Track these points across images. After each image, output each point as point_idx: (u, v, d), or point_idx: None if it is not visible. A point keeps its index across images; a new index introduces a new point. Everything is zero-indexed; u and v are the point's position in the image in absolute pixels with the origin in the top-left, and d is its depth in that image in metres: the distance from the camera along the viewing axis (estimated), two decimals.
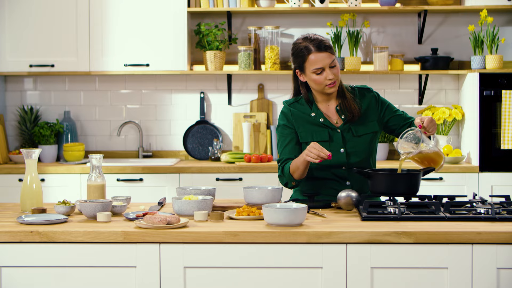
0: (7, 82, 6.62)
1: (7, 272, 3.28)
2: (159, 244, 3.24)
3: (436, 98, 6.55)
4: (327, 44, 3.98)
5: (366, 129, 4.08)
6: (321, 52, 3.95)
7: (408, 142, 3.80)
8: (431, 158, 3.88)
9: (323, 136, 4.03)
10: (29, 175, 3.73)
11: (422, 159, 3.89)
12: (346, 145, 4.04)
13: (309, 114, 4.09)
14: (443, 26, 6.54)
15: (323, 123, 4.06)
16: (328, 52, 3.96)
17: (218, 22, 6.50)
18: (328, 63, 3.95)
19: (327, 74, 3.96)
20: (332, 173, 4.04)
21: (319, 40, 3.99)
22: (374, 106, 4.14)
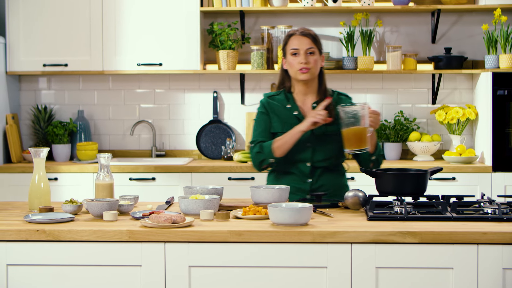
0: (21, 81, 6.65)
1: (14, 270, 3.30)
2: (164, 243, 3.25)
3: (450, 97, 6.52)
4: (311, 33, 4.13)
5: (336, 129, 4.11)
6: (302, 37, 4.11)
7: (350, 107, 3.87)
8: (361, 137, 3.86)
9: (290, 128, 4.11)
10: (37, 174, 3.75)
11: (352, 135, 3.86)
12: (313, 141, 4.10)
13: (285, 105, 4.18)
14: (456, 26, 6.51)
15: (296, 116, 4.14)
16: (309, 38, 4.10)
17: (231, 21, 6.51)
18: (305, 48, 4.08)
19: (301, 58, 4.07)
20: (296, 168, 4.13)
21: (304, 28, 4.16)
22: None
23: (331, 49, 6.54)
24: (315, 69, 4.11)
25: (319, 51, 4.14)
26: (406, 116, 6.49)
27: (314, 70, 4.11)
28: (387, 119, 6.51)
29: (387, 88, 6.54)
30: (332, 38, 6.55)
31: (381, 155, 4.15)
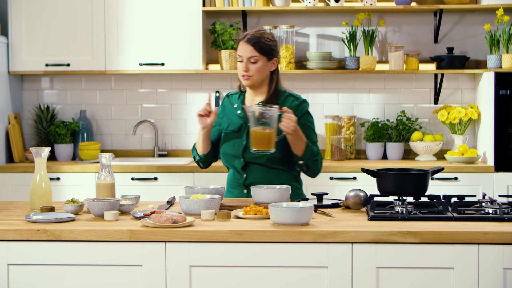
0: (24, 81, 6.66)
1: (15, 270, 3.30)
2: (165, 243, 3.25)
3: (452, 97, 6.52)
4: (255, 40, 4.10)
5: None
6: (246, 44, 4.11)
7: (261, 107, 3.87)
8: (264, 139, 3.88)
9: (235, 127, 4.20)
10: (38, 173, 3.75)
11: (256, 135, 3.88)
12: (248, 138, 4.11)
13: (233, 105, 4.27)
14: (459, 25, 6.51)
15: (238, 115, 4.21)
16: (252, 46, 4.09)
17: (233, 21, 6.51)
18: (247, 56, 4.10)
19: (243, 65, 4.11)
20: (232, 164, 4.20)
21: (251, 34, 4.13)
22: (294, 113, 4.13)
23: (333, 49, 6.54)
24: (256, 76, 4.11)
25: (266, 57, 4.11)
26: (408, 116, 6.49)
27: (255, 77, 4.11)
28: (389, 119, 6.51)
29: (389, 88, 6.54)
30: (334, 38, 6.55)
31: (314, 161, 4.08)
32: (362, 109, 6.56)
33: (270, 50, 4.14)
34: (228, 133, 4.20)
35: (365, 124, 6.52)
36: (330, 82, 6.56)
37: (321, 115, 6.56)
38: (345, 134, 6.43)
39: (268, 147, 3.90)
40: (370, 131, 6.36)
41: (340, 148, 6.27)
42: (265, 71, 4.14)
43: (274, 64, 4.18)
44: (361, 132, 6.56)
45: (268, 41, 4.14)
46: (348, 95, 6.56)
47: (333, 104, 6.57)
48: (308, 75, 6.56)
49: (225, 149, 4.20)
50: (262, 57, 4.10)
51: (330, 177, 5.93)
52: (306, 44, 6.57)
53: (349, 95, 6.56)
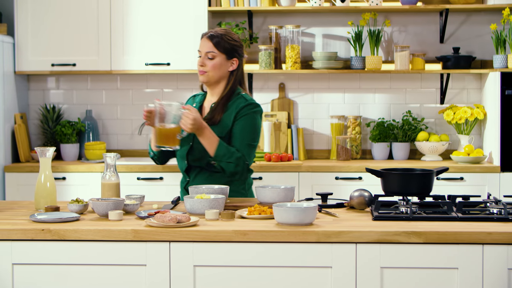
0: (30, 81, 6.67)
1: (19, 270, 3.31)
2: (169, 242, 3.25)
3: (458, 97, 6.51)
4: (216, 37, 4.12)
5: (218, 131, 4.11)
6: (206, 40, 4.14)
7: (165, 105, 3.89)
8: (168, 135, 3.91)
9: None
10: (43, 173, 3.76)
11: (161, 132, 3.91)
12: (195, 139, 4.12)
13: (193, 104, 4.28)
14: (465, 25, 6.50)
15: None
16: (211, 42, 4.11)
17: (238, 21, 6.51)
18: (205, 50, 4.12)
19: (200, 60, 4.14)
20: (180, 166, 4.24)
21: (214, 31, 4.16)
22: (233, 115, 4.14)
23: (339, 49, 6.54)
24: (212, 73, 4.12)
25: (225, 55, 4.12)
26: (414, 116, 6.48)
27: (211, 73, 4.12)
28: (395, 119, 6.51)
29: (395, 88, 6.53)
30: (340, 38, 6.55)
31: (228, 163, 4.01)
32: (368, 109, 6.56)
33: (230, 49, 4.14)
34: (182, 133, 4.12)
35: (371, 124, 6.51)
36: (336, 82, 6.56)
37: (327, 115, 6.56)
38: (350, 134, 6.43)
39: (171, 143, 3.92)
40: (376, 131, 6.35)
41: (346, 148, 6.27)
42: (222, 70, 4.14)
43: (234, 64, 4.17)
44: (366, 132, 6.56)
45: (230, 40, 4.15)
46: (354, 95, 6.56)
47: (338, 104, 6.56)
48: (314, 75, 6.56)
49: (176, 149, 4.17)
50: (221, 54, 4.11)
51: (335, 177, 5.93)
52: (312, 44, 6.57)
53: (355, 95, 6.56)
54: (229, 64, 4.16)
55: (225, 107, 4.15)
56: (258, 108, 4.17)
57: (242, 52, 4.21)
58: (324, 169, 5.96)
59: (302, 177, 5.94)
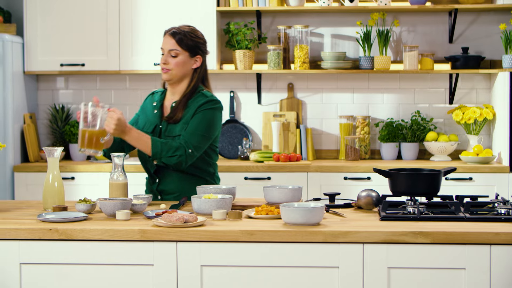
0: (39, 81, 6.69)
1: (27, 269, 3.32)
2: (176, 242, 3.26)
3: (467, 97, 6.49)
4: (179, 35, 4.09)
5: (176, 131, 4.11)
6: (169, 37, 4.10)
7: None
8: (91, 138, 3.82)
9: (149, 128, 4.18)
10: (51, 173, 3.76)
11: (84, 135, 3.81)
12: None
13: (152, 104, 4.24)
14: (474, 25, 6.48)
15: (155, 114, 4.19)
16: (174, 40, 4.08)
17: (247, 21, 6.52)
18: (168, 48, 4.09)
19: (163, 58, 4.10)
20: (146, 166, 4.21)
21: (177, 28, 4.13)
22: (193, 112, 4.12)
23: (348, 49, 6.54)
24: (176, 70, 4.09)
25: (188, 53, 4.10)
26: (423, 116, 6.47)
27: (174, 71, 4.09)
28: (404, 119, 6.50)
29: (404, 88, 6.52)
30: (348, 38, 6.54)
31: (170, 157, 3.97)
32: (377, 109, 6.55)
33: (194, 46, 4.12)
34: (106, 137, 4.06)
35: (380, 124, 6.50)
36: (345, 82, 6.55)
37: (335, 115, 6.56)
38: (359, 134, 6.42)
39: (94, 147, 3.82)
40: (385, 131, 6.35)
41: (355, 148, 6.26)
42: (186, 67, 4.12)
43: (198, 62, 4.15)
44: (375, 132, 6.55)
45: (194, 38, 4.13)
46: (362, 95, 6.55)
47: (347, 104, 6.56)
48: (322, 75, 6.56)
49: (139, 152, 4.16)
50: (184, 52, 4.09)
51: (344, 177, 5.93)
52: (321, 44, 6.56)
53: (364, 95, 6.55)
54: (192, 61, 4.14)
55: (186, 105, 4.12)
56: (218, 104, 4.15)
57: (205, 49, 4.19)
58: (332, 169, 5.95)
59: (311, 177, 5.93)
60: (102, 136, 3.81)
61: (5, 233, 3.30)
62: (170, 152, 3.96)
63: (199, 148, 4.05)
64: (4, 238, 3.31)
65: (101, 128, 3.81)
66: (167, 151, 3.96)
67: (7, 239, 3.31)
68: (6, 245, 3.31)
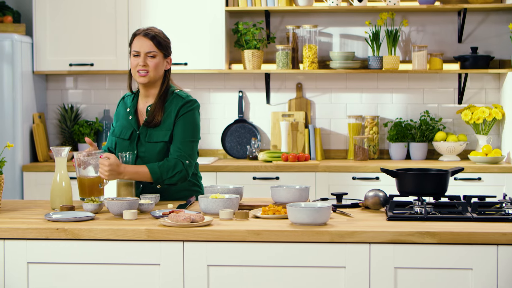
0: (48, 81, 6.70)
1: (34, 268, 3.33)
2: (183, 242, 3.26)
3: (477, 97, 6.48)
4: (155, 35, 4.04)
5: (159, 137, 4.06)
6: (144, 38, 4.02)
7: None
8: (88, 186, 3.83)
9: (126, 134, 4.10)
10: (58, 173, 3.78)
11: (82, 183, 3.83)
12: (138, 148, 4.07)
13: (125, 109, 4.17)
14: (483, 25, 6.47)
15: (130, 121, 4.12)
16: (150, 40, 4.02)
17: (256, 21, 6.51)
18: (145, 50, 4.01)
19: (140, 60, 4.00)
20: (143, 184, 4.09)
21: (148, 29, 4.06)
22: (174, 115, 4.07)
23: (357, 49, 6.53)
24: (154, 72, 4.02)
25: (163, 54, 4.06)
26: (432, 116, 6.45)
27: (152, 74, 4.02)
28: (412, 119, 6.49)
29: (413, 88, 6.51)
30: (357, 37, 6.54)
31: (171, 177, 3.95)
32: (386, 109, 6.54)
33: (166, 47, 4.10)
34: (120, 140, 4.11)
35: (388, 124, 6.50)
36: (353, 82, 6.54)
37: (344, 115, 6.55)
38: (368, 134, 6.42)
39: (95, 194, 3.82)
40: (393, 131, 6.34)
41: (363, 148, 6.25)
42: (161, 69, 4.07)
43: (169, 63, 4.13)
44: (384, 132, 6.54)
45: (166, 39, 4.12)
46: (371, 95, 6.54)
47: (356, 104, 6.55)
48: (331, 75, 6.55)
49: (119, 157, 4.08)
50: (160, 53, 4.04)
51: (352, 177, 5.92)
52: (329, 44, 6.56)
53: (372, 95, 6.54)
54: (165, 63, 4.10)
55: (163, 107, 4.06)
56: (196, 104, 4.11)
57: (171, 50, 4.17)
58: (341, 169, 5.95)
59: (319, 177, 5.93)
60: (99, 183, 3.83)
61: (12, 233, 3.32)
62: (170, 172, 3.93)
63: (193, 155, 4.03)
64: (11, 237, 3.32)
65: (97, 175, 3.83)
66: (167, 172, 3.93)
67: (15, 238, 3.32)
68: (14, 244, 3.33)
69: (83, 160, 3.82)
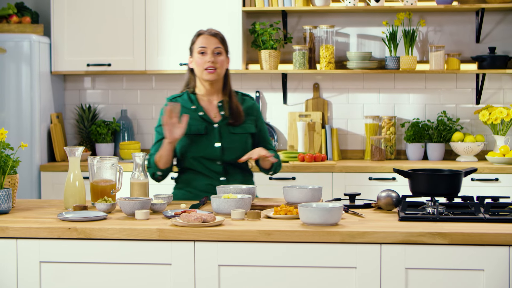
0: (66, 81, 6.74)
1: (46, 267, 3.35)
2: (194, 242, 3.27)
3: (495, 97, 6.44)
4: (219, 34, 4.23)
5: (243, 129, 4.23)
6: (210, 36, 4.18)
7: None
8: (104, 192, 3.85)
9: (199, 129, 4.18)
10: (72, 172, 3.79)
11: (95, 188, 3.85)
12: (222, 140, 4.16)
13: (189, 107, 4.23)
14: (501, 25, 6.43)
15: (201, 117, 4.20)
16: (217, 38, 4.18)
17: (273, 21, 6.51)
18: (212, 47, 4.15)
19: (208, 57, 4.13)
20: (205, 167, 4.18)
21: (211, 29, 4.24)
22: (252, 111, 4.29)
23: (374, 49, 6.51)
24: (221, 69, 4.18)
25: (226, 52, 4.21)
26: (449, 116, 6.43)
27: (220, 70, 4.17)
28: (430, 119, 6.46)
29: (430, 88, 6.49)
30: (374, 37, 6.52)
31: (279, 164, 4.33)
32: (403, 109, 6.52)
33: (228, 46, 4.26)
34: (193, 136, 4.16)
35: (406, 124, 6.48)
36: (370, 82, 6.53)
37: (361, 115, 6.54)
38: (385, 134, 6.40)
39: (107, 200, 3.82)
40: (411, 132, 6.32)
41: (380, 149, 6.24)
42: (225, 67, 4.24)
43: (228, 62, 4.26)
44: (401, 132, 6.52)
45: (225, 39, 4.27)
46: (388, 95, 6.53)
47: (373, 104, 6.54)
48: (348, 75, 6.54)
49: (196, 152, 4.17)
50: (224, 51, 4.21)
51: (369, 178, 5.91)
52: (346, 44, 6.55)
53: (390, 95, 6.52)
54: (227, 61, 4.26)
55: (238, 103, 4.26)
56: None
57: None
58: (357, 170, 5.94)
59: (336, 177, 5.92)
60: (112, 189, 3.85)
61: (25, 232, 3.34)
62: (279, 160, 4.32)
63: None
64: (24, 236, 3.34)
65: (111, 182, 3.86)
66: (279, 162, 4.32)
67: (28, 237, 3.34)
68: (27, 243, 3.35)
69: (98, 165, 3.84)
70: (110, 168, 3.85)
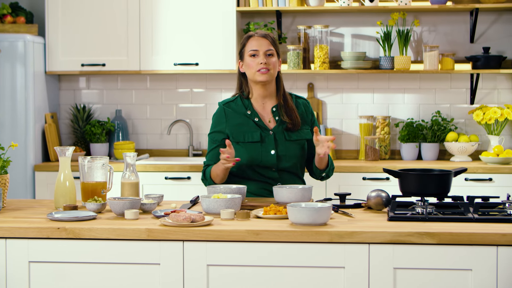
0: (61, 81, 6.74)
1: (35, 267, 3.35)
2: (183, 242, 3.27)
3: (489, 97, 6.45)
4: (270, 35, 4.14)
5: (298, 135, 4.15)
6: (261, 38, 4.10)
7: None
8: (95, 191, 3.85)
9: (254, 137, 4.10)
10: (62, 172, 3.80)
11: (85, 188, 3.86)
12: (277, 147, 4.10)
13: (244, 113, 4.15)
14: (495, 25, 6.44)
15: (257, 123, 4.13)
16: (268, 40, 4.10)
17: (267, 21, 6.52)
18: (264, 49, 4.07)
19: (261, 58, 4.05)
20: (261, 175, 4.11)
21: (262, 31, 4.15)
22: (306, 115, 4.22)
23: (368, 49, 6.52)
24: (274, 70, 4.10)
25: (277, 54, 4.14)
26: (443, 116, 6.43)
27: (273, 71, 4.09)
28: (424, 119, 6.46)
29: (425, 88, 6.49)
30: (369, 37, 6.52)
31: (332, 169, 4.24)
32: (397, 109, 6.52)
33: (279, 48, 4.19)
34: (247, 143, 4.11)
35: (400, 124, 6.48)
36: (365, 82, 6.53)
37: (355, 115, 6.54)
38: (379, 134, 6.40)
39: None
40: (405, 132, 6.32)
41: (374, 149, 6.24)
42: (277, 68, 4.16)
43: (280, 65, 4.19)
44: (395, 132, 6.52)
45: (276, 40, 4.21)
46: (382, 95, 6.53)
47: (367, 104, 6.54)
48: (342, 75, 6.54)
49: (251, 161, 4.10)
50: (276, 53, 4.13)
51: (363, 178, 5.91)
52: (341, 44, 6.55)
53: (384, 95, 6.53)
54: (279, 63, 4.19)
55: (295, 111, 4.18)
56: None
57: None
58: (351, 170, 5.94)
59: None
60: (102, 188, 3.85)
61: (14, 232, 3.34)
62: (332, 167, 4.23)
63: None
64: (13, 236, 3.34)
65: (102, 180, 3.86)
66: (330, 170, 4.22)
67: (17, 237, 3.35)
68: (16, 243, 3.35)
69: (88, 165, 3.84)
70: (101, 168, 3.85)
